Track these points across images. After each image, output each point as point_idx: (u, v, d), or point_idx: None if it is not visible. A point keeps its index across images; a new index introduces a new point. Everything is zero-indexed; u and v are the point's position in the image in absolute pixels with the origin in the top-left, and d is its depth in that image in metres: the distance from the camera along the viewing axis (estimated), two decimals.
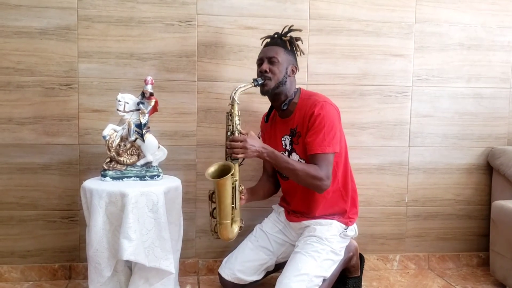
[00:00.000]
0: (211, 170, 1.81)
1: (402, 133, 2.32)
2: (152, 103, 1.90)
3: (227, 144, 1.80)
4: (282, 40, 1.92)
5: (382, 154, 2.32)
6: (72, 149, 2.13)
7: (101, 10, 2.09)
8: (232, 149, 1.77)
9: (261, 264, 1.97)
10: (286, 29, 1.94)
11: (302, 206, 1.94)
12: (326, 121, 1.79)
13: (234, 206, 1.83)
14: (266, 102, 1.98)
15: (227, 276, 1.95)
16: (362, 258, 2.07)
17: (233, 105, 1.82)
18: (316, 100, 1.85)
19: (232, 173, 1.77)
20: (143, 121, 1.88)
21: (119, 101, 1.85)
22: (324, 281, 1.82)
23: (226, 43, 2.17)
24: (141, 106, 1.89)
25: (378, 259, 2.36)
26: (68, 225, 2.15)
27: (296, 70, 1.94)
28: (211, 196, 1.85)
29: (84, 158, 2.14)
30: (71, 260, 2.17)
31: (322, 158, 1.78)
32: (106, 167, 1.88)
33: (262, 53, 1.92)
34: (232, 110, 1.82)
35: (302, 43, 1.98)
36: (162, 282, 1.80)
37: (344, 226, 1.91)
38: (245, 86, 1.83)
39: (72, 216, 2.15)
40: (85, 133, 2.12)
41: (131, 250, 1.65)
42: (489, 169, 2.39)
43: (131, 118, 1.88)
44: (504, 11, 2.34)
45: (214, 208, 1.85)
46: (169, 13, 2.13)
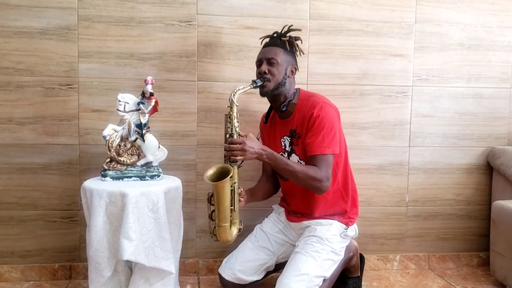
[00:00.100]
0: (210, 173, 1.80)
1: (402, 133, 2.32)
2: (152, 103, 1.90)
3: (226, 146, 1.79)
4: (281, 40, 1.91)
5: (382, 154, 2.32)
6: (72, 149, 2.13)
7: (101, 10, 2.09)
8: (231, 151, 1.76)
9: (261, 264, 1.97)
10: (286, 29, 1.92)
11: (302, 206, 1.94)
12: (325, 122, 1.79)
13: (233, 208, 1.83)
14: (265, 102, 1.98)
15: (227, 276, 1.95)
16: (362, 258, 2.07)
17: (231, 107, 1.82)
18: (315, 101, 1.84)
19: (230, 175, 1.77)
20: (143, 121, 1.88)
21: (119, 101, 1.85)
22: (324, 281, 1.82)
23: (226, 43, 2.17)
24: (141, 106, 1.89)
25: (378, 259, 2.36)
26: (68, 225, 2.15)
27: (295, 70, 1.93)
28: (210, 198, 1.85)
29: (84, 158, 2.14)
30: (71, 260, 2.17)
31: (322, 159, 1.78)
32: (106, 167, 1.88)
33: (261, 54, 1.91)
34: (230, 113, 1.82)
35: (302, 43, 1.97)
36: (162, 282, 1.80)
37: (344, 226, 1.91)
38: (243, 88, 1.82)
39: (72, 216, 2.15)
40: (85, 133, 2.12)
41: (131, 250, 1.65)
42: (489, 169, 2.39)
43: (131, 118, 1.88)
44: (504, 11, 2.34)
45: (213, 210, 1.84)
46: (169, 13, 2.13)
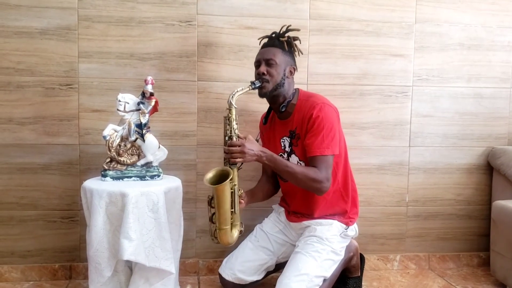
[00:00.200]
0: (210, 175, 1.79)
1: (402, 133, 2.32)
2: (152, 103, 1.90)
3: (225, 149, 1.79)
4: (280, 41, 1.89)
5: (382, 154, 2.32)
6: (72, 149, 2.13)
7: (101, 10, 2.09)
8: (230, 154, 1.76)
9: (261, 264, 1.97)
10: (284, 29, 1.91)
11: (302, 207, 1.94)
12: (325, 123, 1.78)
13: (233, 211, 1.83)
14: (265, 102, 1.97)
15: (228, 276, 1.94)
16: (362, 258, 2.07)
17: (230, 109, 1.81)
18: (314, 101, 1.83)
19: (230, 178, 1.76)
20: (144, 121, 1.88)
21: (120, 101, 1.85)
22: (324, 281, 1.82)
23: (226, 43, 2.17)
24: (141, 106, 1.89)
25: (378, 259, 2.36)
26: (68, 225, 2.15)
27: (294, 70, 1.92)
28: (210, 201, 1.85)
29: (84, 158, 2.14)
30: (72, 260, 2.17)
31: (321, 160, 1.78)
32: (106, 167, 1.88)
33: (259, 54, 1.90)
34: (229, 115, 1.81)
35: (300, 43, 1.96)
36: (163, 282, 1.80)
37: (344, 226, 1.91)
38: (242, 89, 1.82)
39: (72, 216, 2.15)
40: (85, 133, 2.12)
41: (131, 250, 1.65)
42: (489, 169, 2.39)
43: (132, 118, 1.88)
44: (504, 11, 2.34)
45: (214, 213, 1.84)
46: (169, 13, 2.13)
